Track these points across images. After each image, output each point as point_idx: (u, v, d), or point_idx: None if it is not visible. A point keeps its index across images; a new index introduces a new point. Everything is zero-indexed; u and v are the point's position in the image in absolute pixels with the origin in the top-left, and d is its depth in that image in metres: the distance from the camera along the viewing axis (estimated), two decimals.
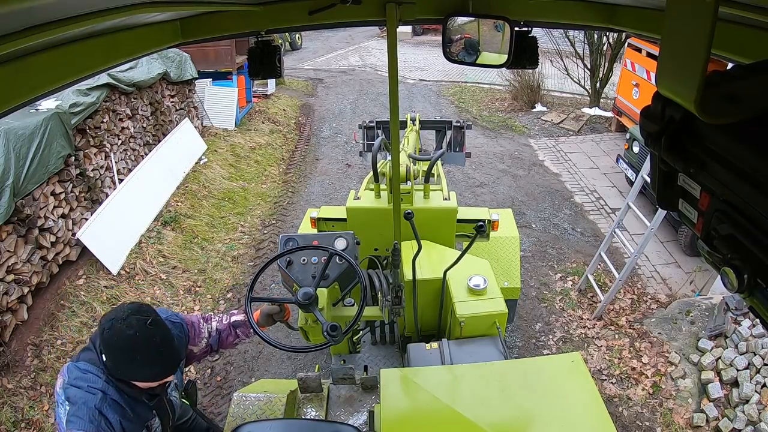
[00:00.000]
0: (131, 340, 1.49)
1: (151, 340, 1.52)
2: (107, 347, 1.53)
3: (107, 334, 1.51)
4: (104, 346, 1.53)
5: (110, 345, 1.51)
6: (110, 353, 1.53)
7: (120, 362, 1.54)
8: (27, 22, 0.76)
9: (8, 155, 3.90)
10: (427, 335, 2.81)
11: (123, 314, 1.51)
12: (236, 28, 1.65)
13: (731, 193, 0.55)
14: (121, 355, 1.52)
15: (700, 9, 0.50)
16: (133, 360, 1.53)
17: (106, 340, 1.51)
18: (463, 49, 1.82)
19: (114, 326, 1.50)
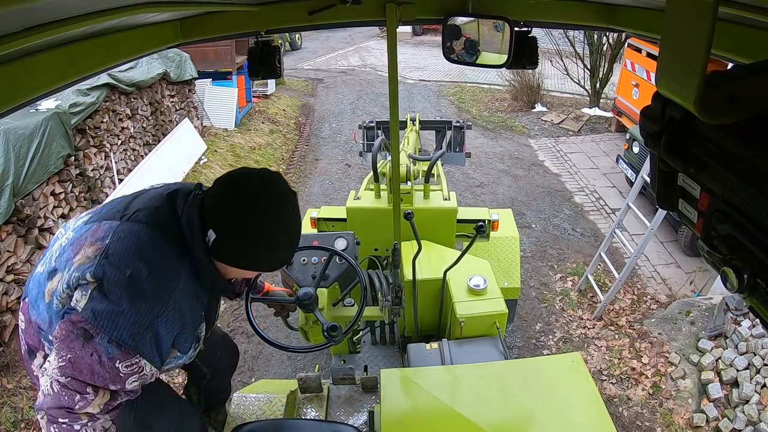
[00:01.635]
0: (269, 215, 1.20)
1: (288, 216, 1.24)
2: (228, 220, 1.20)
3: (233, 206, 1.19)
4: (224, 219, 1.20)
5: (236, 219, 1.19)
6: (233, 229, 1.20)
7: (245, 243, 1.21)
8: (27, 22, 0.76)
9: (8, 155, 3.90)
10: (427, 335, 2.81)
11: (255, 185, 1.22)
12: (236, 28, 1.66)
13: (731, 193, 0.55)
14: (254, 233, 1.20)
15: (700, 9, 0.50)
16: (265, 242, 1.22)
17: (229, 212, 1.19)
18: (463, 49, 1.82)
19: (245, 197, 1.19)
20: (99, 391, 1.15)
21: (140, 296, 1.15)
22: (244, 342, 4.30)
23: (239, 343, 4.29)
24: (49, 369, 1.14)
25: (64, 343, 1.13)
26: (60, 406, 1.13)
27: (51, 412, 1.14)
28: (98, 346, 1.12)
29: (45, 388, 1.14)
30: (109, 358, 1.12)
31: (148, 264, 1.17)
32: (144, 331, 1.15)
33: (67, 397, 1.13)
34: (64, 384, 1.12)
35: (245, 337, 4.35)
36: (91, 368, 1.12)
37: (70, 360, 1.12)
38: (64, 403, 1.13)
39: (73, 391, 1.13)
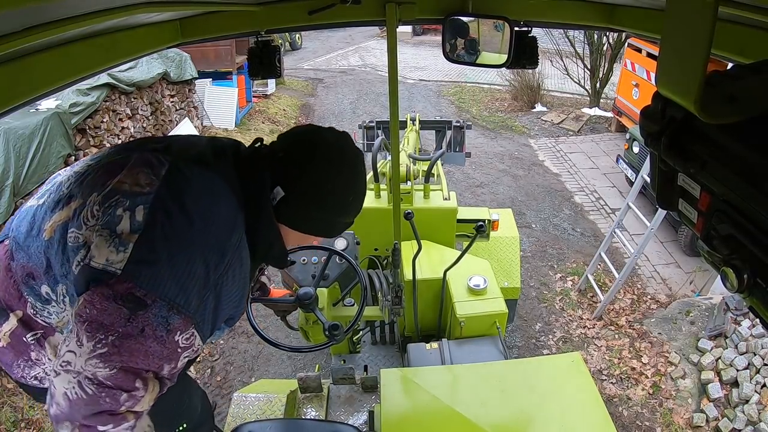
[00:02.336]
0: (345, 178, 1.09)
1: (360, 180, 1.13)
2: (302, 179, 1.06)
3: (309, 166, 1.06)
4: (297, 178, 1.06)
5: (311, 179, 1.07)
6: (307, 189, 1.07)
7: (317, 206, 1.10)
8: (27, 22, 0.76)
9: (8, 155, 3.91)
10: (427, 335, 2.81)
11: (332, 145, 1.10)
12: (236, 28, 1.66)
13: (731, 192, 0.55)
14: (328, 196, 1.09)
15: (700, 9, 0.50)
16: (338, 207, 1.12)
17: (305, 171, 1.06)
18: (463, 49, 1.82)
19: (323, 157, 1.07)
20: (149, 382, 0.92)
21: (207, 248, 0.93)
22: (245, 342, 4.30)
23: (239, 343, 4.29)
24: (76, 363, 0.86)
25: (100, 323, 0.85)
26: (99, 412, 0.87)
27: (87, 421, 0.87)
28: (153, 317, 0.87)
29: (69, 390, 0.86)
30: (168, 331, 0.89)
31: (214, 211, 0.97)
32: (209, 293, 0.94)
33: (109, 399, 0.87)
34: (104, 381, 0.86)
35: (245, 336, 4.35)
36: (146, 349, 0.88)
37: (115, 344, 0.85)
38: (105, 406, 0.87)
39: (117, 390, 0.87)
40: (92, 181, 1.00)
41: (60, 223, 0.98)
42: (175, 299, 0.89)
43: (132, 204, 0.91)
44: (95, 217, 0.94)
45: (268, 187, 1.05)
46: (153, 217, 0.90)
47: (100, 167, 1.03)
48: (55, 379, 0.88)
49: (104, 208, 0.93)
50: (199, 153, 1.06)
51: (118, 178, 0.96)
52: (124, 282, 0.87)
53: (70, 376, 0.86)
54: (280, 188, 1.06)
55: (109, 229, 0.90)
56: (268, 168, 1.06)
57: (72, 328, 0.89)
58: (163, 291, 0.87)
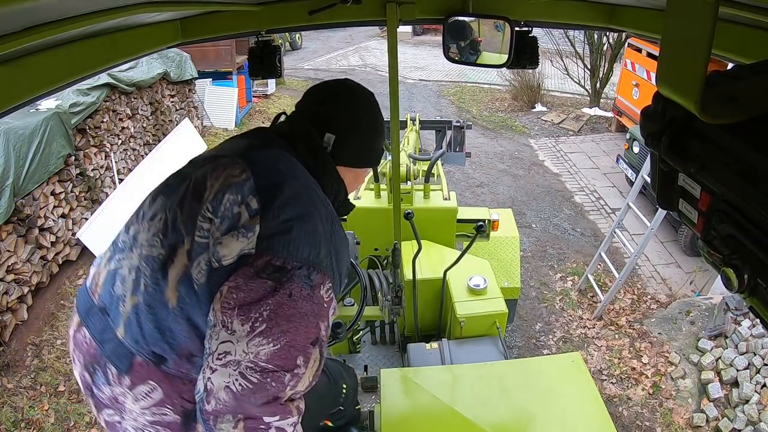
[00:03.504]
0: (376, 108, 1.23)
1: (376, 102, 1.26)
2: (350, 116, 1.18)
3: (352, 104, 1.19)
4: (345, 117, 1.18)
5: (358, 115, 1.20)
6: (356, 124, 1.19)
7: (366, 137, 1.23)
8: (27, 22, 0.76)
9: (8, 155, 3.91)
10: (427, 335, 2.81)
11: (357, 85, 1.24)
12: (236, 28, 1.66)
13: (731, 193, 0.55)
14: (371, 126, 1.23)
15: (700, 9, 0.50)
16: (378, 133, 1.26)
17: (351, 110, 1.19)
18: (464, 49, 1.82)
19: (359, 96, 1.22)
20: (310, 358, 0.92)
21: (314, 206, 1.00)
22: None
23: None
24: (236, 350, 0.87)
25: (251, 302, 0.88)
26: (267, 401, 0.88)
27: (256, 411, 0.87)
28: (297, 278, 0.91)
29: (231, 383, 0.86)
30: (312, 287, 0.92)
31: (301, 176, 1.05)
32: (330, 246, 0.99)
33: (275, 383, 0.88)
34: (267, 364, 0.87)
35: None
36: (299, 311, 0.90)
37: (271, 317, 0.87)
38: (272, 391, 0.88)
39: (280, 371, 0.88)
40: (185, 215, 1.00)
41: (180, 277, 0.96)
42: (309, 257, 0.93)
43: (242, 196, 0.96)
44: (211, 235, 0.96)
45: (319, 138, 1.14)
46: (264, 196, 0.96)
47: (178, 202, 1.02)
48: (213, 375, 0.87)
49: (220, 218, 0.96)
50: (249, 143, 1.14)
51: (211, 187, 1.00)
52: (262, 257, 0.91)
53: (230, 368, 0.86)
54: (328, 134, 1.14)
55: (233, 229, 0.94)
56: (310, 123, 1.16)
57: (215, 323, 0.90)
58: (298, 253, 0.93)
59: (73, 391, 3.77)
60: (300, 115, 1.21)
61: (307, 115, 1.19)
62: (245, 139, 1.17)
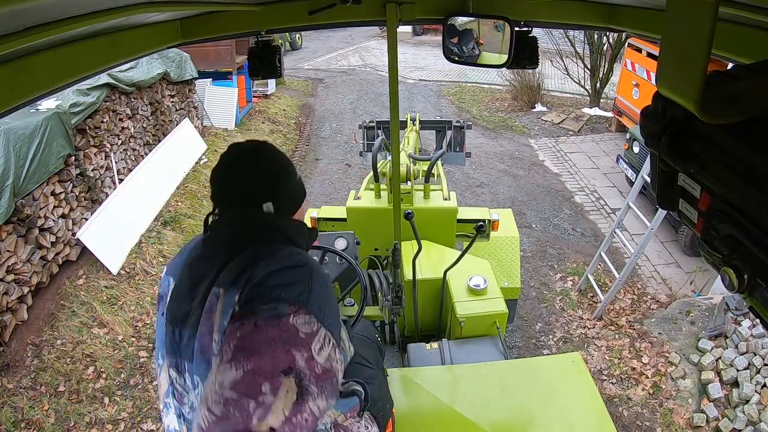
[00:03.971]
0: (269, 148, 1.25)
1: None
2: (262, 179, 1.20)
3: (267, 169, 1.21)
4: (271, 180, 1.21)
5: (267, 172, 1.21)
6: (282, 179, 1.23)
7: (292, 181, 1.26)
8: (27, 22, 0.76)
9: (8, 155, 3.91)
10: (427, 335, 2.81)
11: (242, 146, 1.24)
12: (236, 28, 1.66)
13: (731, 193, 0.55)
14: (290, 168, 1.26)
15: (700, 9, 0.50)
16: (287, 167, 1.26)
17: (260, 171, 1.20)
18: (464, 49, 1.82)
19: (258, 154, 1.24)
20: (280, 388, 0.87)
21: (295, 269, 1.07)
22: None
23: None
24: (205, 387, 0.92)
25: (225, 341, 0.94)
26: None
27: None
28: (263, 312, 0.95)
29: (202, 420, 0.85)
30: (279, 315, 0.96)
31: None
32: (306, 284, 1.04)
33: (237, 412, 0.84)
34: (230, 394, 0.86)
35: None
36: (266, 338, 0.93)
37: (237, 345, 0.93)
38: (237, 423, 0.83)
39: (243, 397, 0.86)
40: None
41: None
42: (281, 294, 0.98)
43: (229, 297, 1.03)
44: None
45: (264, 217, 1.19)
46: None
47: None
48: (195, 418, 0.91)
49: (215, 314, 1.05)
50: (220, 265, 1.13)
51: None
52: (240, 307, 1.00)
53: (203, 405, 0.87)
54: (264, 205, 1.18)
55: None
56: (240, 207, 1.19)
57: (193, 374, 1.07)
58: (269, 293, 0.99)
59: (73, 392, 3.77)
60: (230, 216, 1.20)
61: (237, 212, 1.18)
62: (209, 262, 1.13)
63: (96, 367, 3.98)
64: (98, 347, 4.13)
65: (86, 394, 3.78)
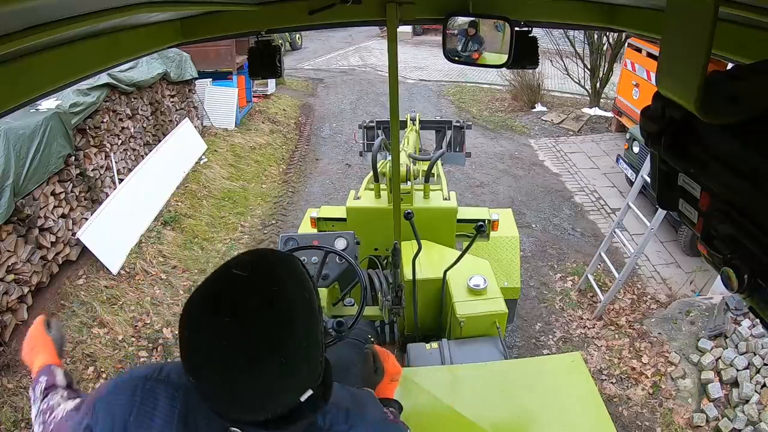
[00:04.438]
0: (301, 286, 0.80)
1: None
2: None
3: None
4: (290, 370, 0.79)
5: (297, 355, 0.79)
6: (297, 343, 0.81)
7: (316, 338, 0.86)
8: (27, 22, 0.76)
9: (8, 155, 3.91)
10: (427, 335, 2.81)
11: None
12: (236, 28, 1.65)
13: (731, 193, 0.55)
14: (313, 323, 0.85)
15: (700, 9, 0.50)
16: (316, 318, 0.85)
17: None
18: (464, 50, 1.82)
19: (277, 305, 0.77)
20: None
21: None
22: None
23: None
24: None
25: None
26: None
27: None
28: None
29: None
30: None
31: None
32: None
33: None
34: None
35: None
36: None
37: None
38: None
39: None
40: None
41: None
42: None
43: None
44: None
45: (304, 412, 0.79)
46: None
47: None
48: None
49: None
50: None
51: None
52: None
53: None
54: (308, 391, 0.76)
55: None
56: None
57: None
58: None
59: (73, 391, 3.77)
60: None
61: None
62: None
63: (96, 367, 3.98)
64: (98, 347, 4.13)
65: (86, 394, 3.78)
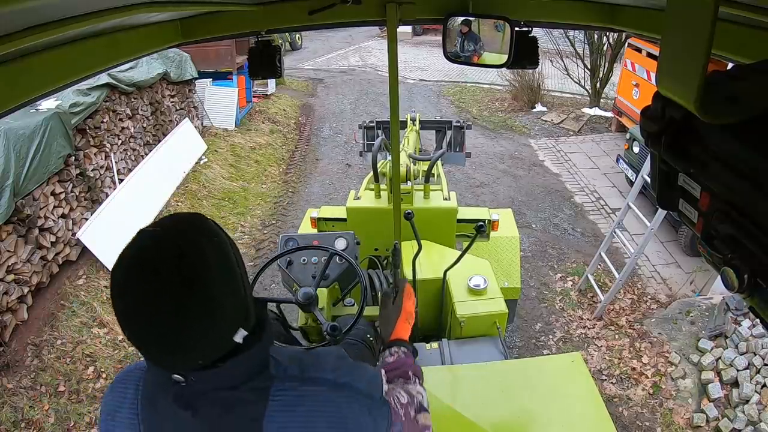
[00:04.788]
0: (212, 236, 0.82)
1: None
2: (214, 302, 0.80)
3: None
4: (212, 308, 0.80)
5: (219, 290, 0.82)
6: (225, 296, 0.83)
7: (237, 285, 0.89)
8: (27, 22, 0.76)
9: (8, 155, 3.91)
10: (427, 335, 2.81)
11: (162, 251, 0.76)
12: (236, 28, 1.65)
13: (731, 193, 0.55)
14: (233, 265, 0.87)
15: (700, 9, 0.50)
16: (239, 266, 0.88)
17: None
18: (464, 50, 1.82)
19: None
20: None
21: None
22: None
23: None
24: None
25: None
26: None
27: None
28: None
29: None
30: None
31: None
32: None
33: None
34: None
35: None
36: None
37: None
38: None
39: None
40: None
41: None
42: None
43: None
44: None
45: (240, 353, 0.81)
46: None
47: None
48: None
49: None
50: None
51: None
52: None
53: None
54: (239, 331, 0.80)
55: None
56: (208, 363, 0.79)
57: None
58: None
59: (73, 391, 3.77)
60: (197, 386, 0.80)
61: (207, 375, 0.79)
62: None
63: (96, 367, 3.98)
64: (98, 347, 4.13)
65: (86, 394, 3.78)
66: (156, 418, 0.84)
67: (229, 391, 0.80)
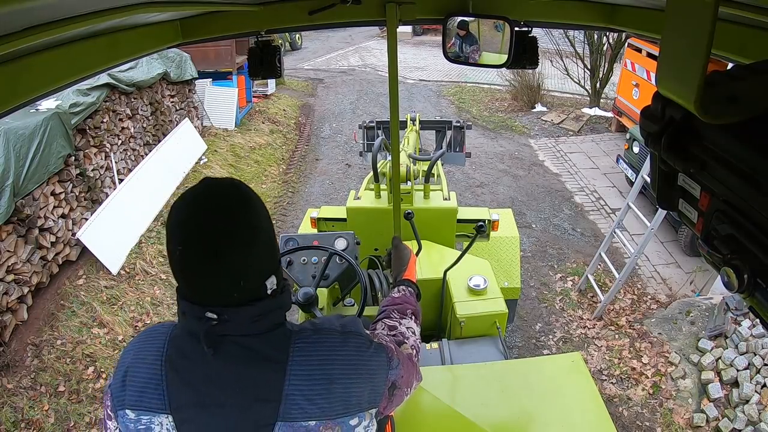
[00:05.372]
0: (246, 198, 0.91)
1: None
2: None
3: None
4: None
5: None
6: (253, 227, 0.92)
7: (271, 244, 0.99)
8: (27, 22, 0.76)
9: (8, 155, 3.91)
10: (427, 335, 2.81)
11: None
12: (236, 28, 1.65)
13: (731, 193, 0.55)
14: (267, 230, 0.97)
15: (700, 9, 0.50)
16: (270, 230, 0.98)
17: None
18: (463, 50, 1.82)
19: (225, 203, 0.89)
20: None
21: None
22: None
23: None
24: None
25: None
26: None
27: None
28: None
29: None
30: None
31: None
32: None
33: None
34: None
35: None
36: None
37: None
38: None
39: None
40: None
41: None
42: None
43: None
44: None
45: (269, 300, 0.90)
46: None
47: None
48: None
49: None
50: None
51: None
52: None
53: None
54: (267, 282, 0.90)
55: None
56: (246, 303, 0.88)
57: None
58: None
59: (73, 392, 3.77)
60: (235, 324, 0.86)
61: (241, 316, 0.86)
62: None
63: (96, 367, 3.98)
64: (98, 347, 4.13)
65: (86, 394, 3.78)
66: (186, 363, 0.89)
67: (255, 337, 0.88)
